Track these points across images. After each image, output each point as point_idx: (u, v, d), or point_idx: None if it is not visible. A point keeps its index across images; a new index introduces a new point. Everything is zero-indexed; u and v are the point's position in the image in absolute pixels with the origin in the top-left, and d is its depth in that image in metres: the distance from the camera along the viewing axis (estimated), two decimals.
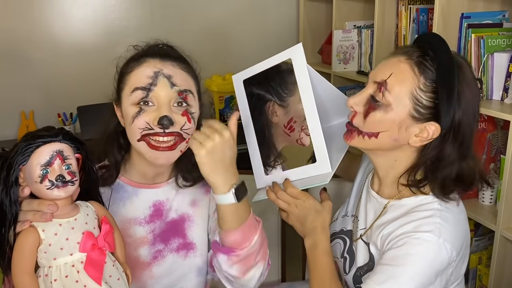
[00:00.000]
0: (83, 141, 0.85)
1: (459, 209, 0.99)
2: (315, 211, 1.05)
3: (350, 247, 1.11)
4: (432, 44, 0.93)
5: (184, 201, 1.11)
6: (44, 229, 0.77)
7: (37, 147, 0.78)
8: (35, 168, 0.77)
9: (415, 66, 0.92)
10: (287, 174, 1.09)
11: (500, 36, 1.63)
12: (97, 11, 2.50)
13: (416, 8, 1.98)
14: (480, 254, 1.79)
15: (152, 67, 0.98)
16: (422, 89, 0.91)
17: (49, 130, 0.81)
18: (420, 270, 0.90)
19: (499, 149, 1.71)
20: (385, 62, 0.97)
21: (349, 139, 1.01)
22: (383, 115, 0.94)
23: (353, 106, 0.97)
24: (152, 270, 1.07)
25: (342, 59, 2.48)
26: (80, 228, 0.80)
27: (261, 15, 2.81)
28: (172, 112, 0.96)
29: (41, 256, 0.78)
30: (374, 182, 1.09)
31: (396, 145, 0.97)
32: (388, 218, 1.00)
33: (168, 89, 0.97)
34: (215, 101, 2.57)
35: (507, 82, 1.57)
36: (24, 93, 2.45)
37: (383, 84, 0.93)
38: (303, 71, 1.06)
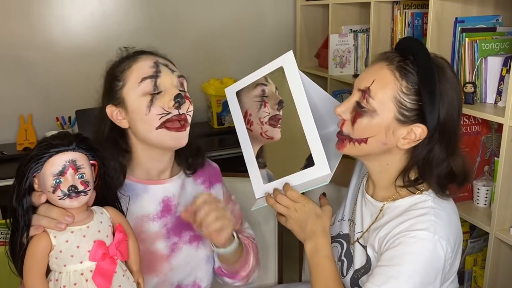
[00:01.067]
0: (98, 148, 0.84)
1: (451, 207, 1.01)
2: (316, 215, 1.05)
3: (347, 251, 1.11)
4: (411, 48, 0.96)
5: (189, 197, 1.16)
6: (55, 236, 0.78)
7: (50, 157, 0.77)
8: (48, 178, 0.77)
9: (396, 71, 0.94)
10: (286, 179, 1.10)
11: (493, 40, 1.65)
12: (95, 16, 2.52)
13: (411, 12, 2.00)
14: (475, 256, 1.80)
15: (150, 60, 1.05)
16: (405, 92, 0.94)
17: (63, 138, 0.80)
18: (417, 268, 0.91)
19: (493, 151, 1.72)
20: (367, 69, 1.00)
21: (342, 148, 1.03)
22: (370, 121, 0.96)
23: (341, 114, 1.00)
24: (171, 262, 1.11)
25: (338, 63, 2.50)
26: (92, 236, 0.80)
27: (258, 20, 2.82)
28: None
29: (52, 261, 0.78)
30: (368, 186, 1.11)
31: (386, 149, 0.99)
32: (384, 220, 1.02)
33: (170, 74, 1.05)
34: (212, 104, 2.58)
35: (501, 86, 1.59)
36: (23, 97, 2.46)
37: (366, 91, 0.96)
38: (296, 78, 1.08)
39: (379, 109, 0.95)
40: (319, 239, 1.04)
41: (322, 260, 1.03)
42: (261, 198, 1.14)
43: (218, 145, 2.49)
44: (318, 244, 1.04)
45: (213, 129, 2.63)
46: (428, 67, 0.93)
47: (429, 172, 0.98)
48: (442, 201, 0.99)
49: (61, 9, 2.45)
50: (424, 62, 0.93)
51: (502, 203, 1.49)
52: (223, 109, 2.59)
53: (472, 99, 1.61)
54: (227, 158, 2.38)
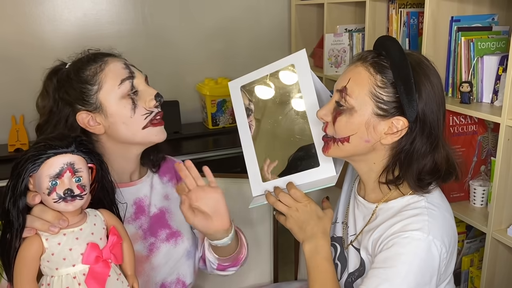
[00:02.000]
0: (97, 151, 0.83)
1: (445, 207, 1.00)
2: (317, 216, 1.04)
3: (341, 254, 1.10)
4: (384, 44, 0.97)
5: (159, 196, 1.17)
6: (47, 238, 0.76)
7: (48, 158, 0.75)
8: (44, 179, 0.75)
9: (370, 67, 0.95)
10: (290, 178, 1.08)
11: (489, 39, 1.64)
12: (88, 15, 2.49)
13: (406, 11, 1.99)
14: (472, 256, 1.79)
15: (118, 61, 1.05)
16: (380, 86, 0.94)
17: (63, 139, 0.77)
18: (412, 269, 0.90)
19: (490, 151, 1.72)
20: (344, 71, 1.01)
21: (327, 150, 1.02)
22: (349, 118, 0.96)
23: (323, 117, 1.01)
24: (152, 262, 1.10)
25: (333, 62, 2.49)
26: (85, 238, 0.78)
27: (253, 19, 2.81)
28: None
29: (44, 265, 0.76)
30: (360, 188, 1.10)
31: (369, 147, 0.98)
32: (377, 222, 1.00)
33: (140, 74, 1.07)
34: (207, 104, 2.56)
35: (497, 85, 1.58)
36: (15, 97, 2.43)
37: (343, 90, 0.96)
38: (307, 77, 1.07)
39: (357, 105, 0.95)
40: (320, 241, 1.03)
41: (321, 262, 1.01)
42: (259, 196, 1.12)
43: (213, 146, 2.48)
44: (318, 246, 1.02)
45: (207, 130, 2.61)
46: (401, 59, 0.93)
47: (408, 167, 0.97)
48: (436, 201, 0.98)
49: (53, 9, 2.43)
50: (397, 55, 0.94)
51: (499, 203, 1.48)
52: (217, 109, 2.58)
53: (468, 99, 1.60)
54: (221, 159, 2.36)
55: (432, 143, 0.96)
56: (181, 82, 2.67)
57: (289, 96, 1.13)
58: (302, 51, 1.09)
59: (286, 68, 1.11)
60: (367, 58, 0.97)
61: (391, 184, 1.00)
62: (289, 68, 1.11)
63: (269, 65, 1.13)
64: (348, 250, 1.08)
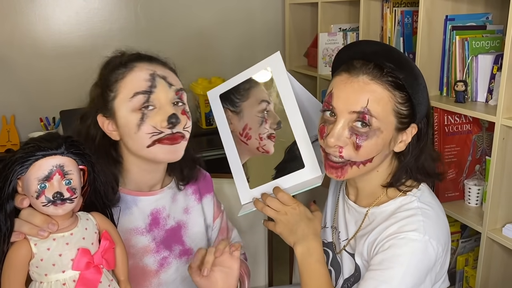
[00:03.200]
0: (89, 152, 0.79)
1: (437, 205, 0.99)
2: (307, 218, 1.02)
3: (334, 259, 1.09)
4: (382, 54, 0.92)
5: (178, 209, 1.11)
6: (36, 243, 0.73)
7: (36, 160, 0.72)
8: (32, 182, 0.72)
9: (385, 83, 0.90)
10: (277, 182, 1.07)
11: (484, 38, 1.64)
12: (80, 14, 2.47)
13: (401, 10, 1.99)
14: (467, 256, 1.79)
15: (146, 70, 0.97)
16: (400, 101, 0.92)
17: (52, 140, 0.74)
18: (409, 270, 0.89)
19: (484, 150, 1.72)
20: (347, 89, 0.91)
21: (343, 175, 0.95)
22: (376, 140, 0.91)
23: (337, 143, 0.92)
24: (161, 277, 1.06)
25: (328, 62, 2.49)
26: (76, 244, 0.75)
27: (246, 18, 2.80)
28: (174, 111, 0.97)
29: (33, 270, 0.73)
30: (350, 192, 1.08)
31: (384, 159, 0.98)
32: (371, 226, 0.99)
33: (167, 89, 0.97)
34: (200, 104, 2.55)
35: (491, 84, 1.58)
36: (5, 97, 2.40)
37: (365, 112, 0.89)
38: (284, 79, 1.06)
39: (382, 125, 0.91)
40: (312, 243, 1.01)
41: (314, 265, 1.00)
42: (248, 203, 1.11)
43: (207, 146, 2.46)
44: (311, 248, 1.00)
45: (201, 130, 2.59)
46: (410, 70, 0.92)
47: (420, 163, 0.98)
48: (428, 200, 0.98)
49: (45, 7, 2.40)
50: (407, 67, 0.92)
51: (494, 203, 1.48)
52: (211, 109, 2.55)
53: (463, 98, 1.60)
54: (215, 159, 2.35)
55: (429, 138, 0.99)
56: None
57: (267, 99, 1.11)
58: (276, 53, 1.07)
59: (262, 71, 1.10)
60: (374, 72, 0.90)
61: (395, 186, 0.99)
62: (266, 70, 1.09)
63: (245, 71, 1.12)
64: (341, 255, 1.06)
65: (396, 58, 0.92)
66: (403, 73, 0.91)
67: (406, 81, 0.91)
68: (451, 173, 1.69)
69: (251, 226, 1.52)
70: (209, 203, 1.19)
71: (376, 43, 0.98)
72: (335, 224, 1.11)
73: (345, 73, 0.93)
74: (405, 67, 0.92)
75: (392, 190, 1.00)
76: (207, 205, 1.18)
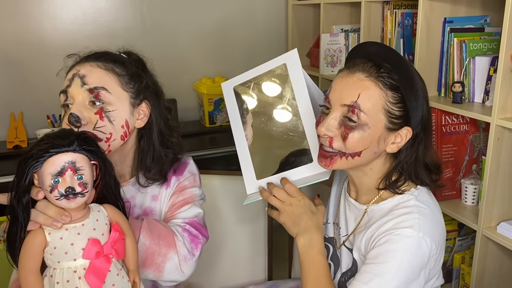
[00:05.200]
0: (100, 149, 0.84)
1: (434, 204, 1.02)
2: (311, 211, 1.06)
3: (334, 254, 1.12)
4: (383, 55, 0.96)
5: (147, 197, 1.14)
6: (50, 232, 0.78)
7: (50, 156, 0.77)
8: (46, 177, 0.77)
9: (379, 82, 0.93)
10: (284, 174, 1.10)
11: (481, 40, 1.67)
12: (87, 13, 2.51)
13: (401, 12, 2.01)
14: (463, 254, 1.82)
15: (73, 70, 1.02)
16: (392, 101, 0.94)
17: (65, 137, 0.79)
18: (403, 265, 0.92)
19: (481, 150, 1.74)
20: (343, 83, 0.96)
21: (331, 164, 0.99)
22: (362, 134, 0.95)
23: (326, 133, 0.96)
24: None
25: (329, 62, 2.52)
26: (87, 234, 0.80)
27: (249, 19, 2.83)
28: (86, 110, 0.99)
29: (47, 257, 0.79)
30: (351, 190, 1.11)
31: (375, 157, 1.00)
32: (369, 222, 1.02)
33: (78, 88, 0.99)
34: (204, 103, 2.58)
35: (488, 85, 1.60)
36: (13, 94, 2.45)
37: (354, 105, 0.94)
38: (299, 76, 1.09)
39: (370, 122, 0.94)
40: (314, 235, 1.05)
41: (316, 256, 1.03)
42: (254, 193, 1.14)
43: (210, 144, 2.50)
44: (313, 239, 1.04)
45: (204, 128, 2.63)
46: (407, 72, 0.95)
47: (415, 169, 1.00)
48: (425, 199, 1.01)
49: (52, 7, 2.45)
50: (403, 67, 0.95)
51: (489, 201, 1.50)
52: (214, 108, 2.59)
53: (460, 99, 1.63)
54: (218, 157, 2.38)
55: (427, 144, 1.00)
56: (178, 81, 2.69)
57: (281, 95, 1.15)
58: (293, 50, 1.10)
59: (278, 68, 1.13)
60: (371, 71, 0.94)
61: (391, 188, 1.01)
62: (281, 68, 1.13)
63: (261, 65, 1.15)
64: (341, 250, 1.09)
65: (394, 60, 0.95)
66: (399, 75, 0.94)
67: (401, 83, 0.94)
68: (448, 172, 1.72)
69: (250, 221, 1.56)
70: (173, 185, 1.17)
71: (379, 44, 1.01)
72: (337, 220, 1.14)
73: (346, 69, 0.98)
74: (401, 69, 0.95)
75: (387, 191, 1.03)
76: (172, 187, 1.17)
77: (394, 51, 1.00)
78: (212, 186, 1.52)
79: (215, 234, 1.40)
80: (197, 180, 1.21)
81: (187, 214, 1.11)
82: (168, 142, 1.13)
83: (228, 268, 1.55)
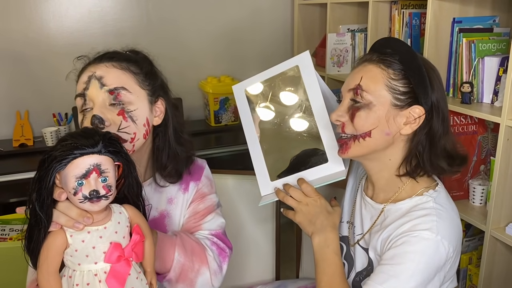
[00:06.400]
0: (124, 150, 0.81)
1: (452, 207, 1.01)
2: (327, 211, 1.07)
3: (348, 253, 1.12)
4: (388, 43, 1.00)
5: (162, 199, 1.13)
6: (72, 234, 0.77)
7: (74, 158, 0.75)
8: (70, 179, 0.75)
9: (380, 63, 0.98)
10: (300, 174, 1.10)
11: (490, 40, 1.66)
12: (93, 12, 2.51)
13: (409, 12, 2.01)
14: (470, 254, 1.81)
15: (88, 72, 1.00)
16: (394, 78, 0.97)
17: (89, 137, 0.76)
18: (420, 267, 0.92)
19: (489, 151, 1.74)
20: (351, 74, 1.03)
21: (346, 151, 1.01)
22: (368, 112, 0.97)
23: (338, 118, 1.01)
24: None
25: (336, 62, 2.51)
26: (109, 237, 0.78)
27: (256, 18, 2.82)
28: (108, 112, 0.97)
29: (67, 259, 0.78)
30: (367, 188, 1.11)
31: (390, 140, 0.99)
32: (385, 222, 1.02)
33: (97, 90, 0.97)
34: (210, 102, 2.58)
35: (497, 86, 1.60)
36: (19, 93, 2.45)
37: (358, 87, 0.98)
38: (312, 77, 1.09)
39: (374, 99, 0.97)
40: (329, 234, 1.05)
41: (330, 255, 1.04)
42: (268, 194, 1.14)
43: (215, 143, 2.49)
44: (328, 239, 1.05)
45: (210, 127, 2.63)
46: (408, 52, 0.98)
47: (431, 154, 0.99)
48: (443, 201, 1.00)
49: (59, 6, 2.45)
50: (404, 48, 0.98)
51: (497, 202, 1.50)
52: (220, 107, 2.59)
53: (469, 99, 1.62)
54: (223, 157, 2.38)
55: (445, 127, 1.00)
56: (184, 80, 2.69)
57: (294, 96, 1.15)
58: (306, 52, 1.11)
59: (290, 70, 1.13)
60: (373, 57, 0.99)
61: (408, 176, 1.01)
62: (294, 70, 1.12)
63: (273, 67, 1.15)
64: (354, 249, 1.09)
65: (394, 43, 0.99)
66: (399, 55, 0.97)
67: (402, 61, 0.97)
68: None
69: (258, 221, 1.55)
70: (192, 191, 1.16)
71: (386, 38, 1.04)
72: (352, 219, 1.14)
73: (356, 63, 1.03)
74: (401, 49, 0.98)
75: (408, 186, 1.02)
76: (191, 193, 1.16)
77: (396, 39, 1.03)
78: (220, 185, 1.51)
79: None
80: (213, 186, 1.22)
81: (212, 225, 1.13)
82: (181, 138, 1.13)
83: (236, 268, 1.54)
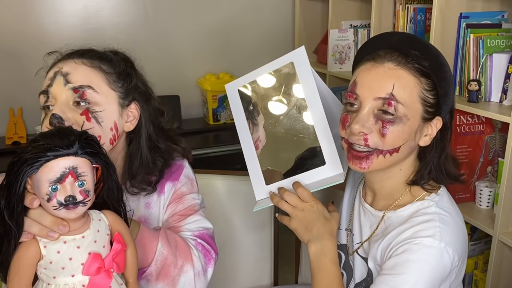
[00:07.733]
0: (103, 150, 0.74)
1: (456, 211, 0.96)
2: (324, 217, 1.00)
3: (346, 262, 1.06)
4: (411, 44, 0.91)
5: (140, 205, 1.06)
6: (46, 245, 0.70)
7: (47, 161, 0.67)
8: (43, 184, 0.67)
9: (411, 69, 0.89)
10: (296, 178, 1.04)
11: (499, 36, 1.60)
12: (88, 7, 2.46)
13: (413, 7, 1.95)
14: (476, 259, 1.76)
15: (55, 68, 0.94)
16: (427, 89, 0.90)
17: (64, 138, 0.68)
18: (423, 277, 0.86)
19: (497, 151, 1.68)
20: (371, 75, 0.90)
21: (368, 165, 0.91)
22: (402, 127, 0.89)
23: (362, 129, 0.89)
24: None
25: (338, 58, 2.45)
26: (87, 247, 0.71)
27: (256, 14, 2.77)
28: (69, 111, 0.90)
29: (41, 271, 0.71)
30: (366, 194, 1.05)
31: (409, 154, 0.94)
32: (386, 230, 0.96)
33: (61, 87, 0.91)
34: (208, 100, 2.53)
35: (506, 84, 1.54)
36: (13, 89, 2.40)
37: (390, 97, 0.88)
38: (308, 74, 1.03)
39: (409, 112, 0.89)
40: (326, 242, 0.98)
41: (328, 265, 0.97)
42: (263, 199, 1.08)
43: (213, 142, 2.46)
44: (325, 247, 0.98)
45: (208, 125, 2.58)
46: (437, 57, 0.91)
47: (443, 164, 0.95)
48: (446, 205, 0.94)
49: (54, 0, 2.39)
50: (433, 53, 0.91)
51: (506, 205, 1.45)
52: (219, 104, 2.54)
53: (476, 97, 1.57)
54: (222, 155, 2.34)
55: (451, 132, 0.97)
56: (182, 77, 2.64)
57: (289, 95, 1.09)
58: (301, 48, 1.05)
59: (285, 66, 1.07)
60: (399, 59, 0.89)
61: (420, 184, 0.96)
62: (288, 66, 1.07)
63: (266, 64, 1.09)
64: (353, 258, 1.04)
65: (421, 46, 0.91)
66: (428, 61, 0.90)
67: (431, 69, 0.90)
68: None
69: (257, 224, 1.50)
70: (169, 191, 1.09)
71: (401, 33, 0.99)
72: (350, 226, 1.08)
73: (370, 61, 0.92)
74: (430, 55, 0.91)
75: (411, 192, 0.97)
76: (168, 194, 1.09)
77: (417, 37, 0.96)
78: (215, 186, 1.47)
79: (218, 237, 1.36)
80: (194, 185, 1.14)
81: (193, 226, 1.05)
82: (157, 148, 1.05)
83: (232, 272, 1.50)
